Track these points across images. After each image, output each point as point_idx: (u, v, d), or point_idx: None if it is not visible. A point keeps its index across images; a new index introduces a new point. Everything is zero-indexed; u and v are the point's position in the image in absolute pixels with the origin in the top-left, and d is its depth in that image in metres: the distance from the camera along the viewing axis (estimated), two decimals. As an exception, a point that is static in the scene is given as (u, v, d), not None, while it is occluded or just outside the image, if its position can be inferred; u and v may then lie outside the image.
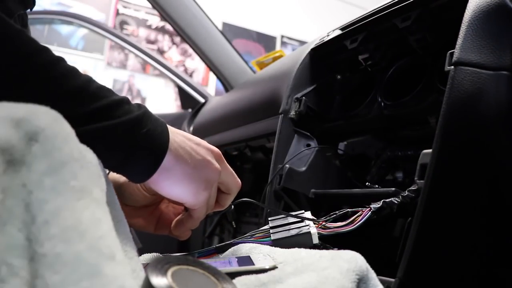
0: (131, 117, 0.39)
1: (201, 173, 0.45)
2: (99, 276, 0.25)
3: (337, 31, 0.83)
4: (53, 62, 0.36)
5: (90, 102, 0.37)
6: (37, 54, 0.36)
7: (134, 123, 0.39)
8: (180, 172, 0.43)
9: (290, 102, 0.83)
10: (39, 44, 0.36)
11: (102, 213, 0.29)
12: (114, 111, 0.38)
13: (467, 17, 0.50)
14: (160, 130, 0.41)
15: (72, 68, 0.38)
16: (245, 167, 1.34)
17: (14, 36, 0.35)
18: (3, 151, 0.26)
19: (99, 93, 0.38)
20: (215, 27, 1.59)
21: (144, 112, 0.41)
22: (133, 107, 0.41)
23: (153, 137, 0.40)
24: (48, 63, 0.36)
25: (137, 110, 0.40)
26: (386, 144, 0.77)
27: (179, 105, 1.92)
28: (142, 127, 0.40)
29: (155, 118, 0.42)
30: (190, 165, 0.43)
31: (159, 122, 0.42)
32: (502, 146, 0.46)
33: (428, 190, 0.48)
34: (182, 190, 0.44)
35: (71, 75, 0.37)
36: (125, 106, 0.40)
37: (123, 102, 0.40)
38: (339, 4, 4.54)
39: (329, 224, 0.51)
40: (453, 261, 0.48)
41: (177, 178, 0.43)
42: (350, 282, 0.36)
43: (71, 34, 3.57)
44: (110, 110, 0.38)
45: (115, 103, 0.39)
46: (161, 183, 0.43)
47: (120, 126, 0.38)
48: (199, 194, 0.45)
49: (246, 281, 0.38)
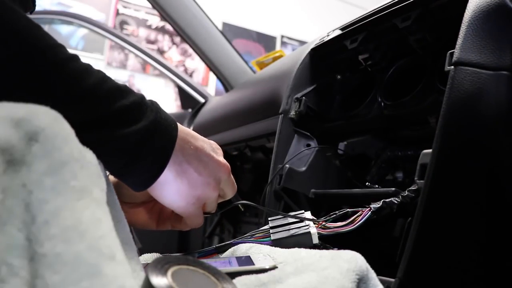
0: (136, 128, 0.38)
1: (196, 192, 0.44)
2: (99, 276, 0.25)
3: (337, 31, 0.83)
4: (66, 59, 0.35)
5: (97, 108, 0.36)
6: (51, 50, 0.34)
7: (138, 135, 0.38)
8: (175, 188, 0.42)
9: (290, 102, 0.83)
10: (55, 41, 0.35)
11: (102, 213, 0.29)
12: (118, 120, 0.37)
13: (467, 17, 0.50)
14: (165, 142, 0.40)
15: (85, 67, 0.37)
16: (245, 167, 1.34)
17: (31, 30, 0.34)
18: (3, 151, 0.26)
19: (108, 97, 0.37)
20: (215, 27, 1.59)
21: (151, 121, 0.39)
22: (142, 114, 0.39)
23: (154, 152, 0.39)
24: (61, 61, 0.35)
25: (145, 120, 0.39)
26: (386, 144, 0.77)
27: (179, 105, 1.92)
28: (150, 138, 0.38)
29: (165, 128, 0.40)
30: (187, 185, 0.43)
31: (169, 129, 0.41)
32: (502, 146, 0.46)
33: (428, 190, 0.48)
34: (172, 201, 0.44)
35: (83, 75, 0.36)
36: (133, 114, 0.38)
37: (131, 109, 0.38)
38: (339, 4, 4.54)
39: (329, 224, 0.51)
40: (453, 261, 0.48)
41: (170, 192, 0.43)
42: (350, 282, 0.36)
43: (71, 34, 3.57)
44: (114, 120, 0.37)
45: (122, 111, 0.37)
46: (153, 192, 0.43)
47: (123, 138, 0.37)
48: (189, 207, 0.45)
49: (246, 281, 0.38)
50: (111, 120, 0.37)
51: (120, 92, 0.38)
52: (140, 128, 0.38)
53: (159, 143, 0.40)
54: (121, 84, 0.39)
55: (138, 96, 0.39)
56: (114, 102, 0.37)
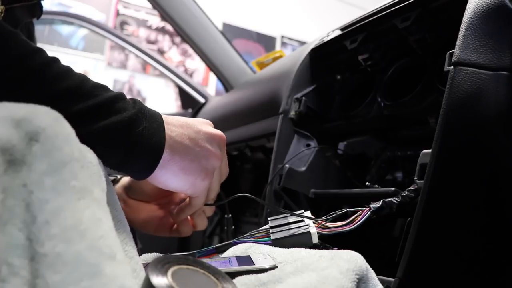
0: (125, 115, 0.39)
1: (200, 163, 0.45)
2: (99, 275, 0.25)
3: (337, 31, 0.83)
4: (47, 63, 0.36)
5: (85, 101, 0.37)
6: (31, 56, 0.36)
7: (129, 121, 0.39)
8: (176, 167, 0.43)
9: (290, 102, 0.83)
10: (33, 46, 0.36)
11: (103, 213, 0.29)
12: (109, 108, 0.38)
13: (467, 17, 0.50)
14: (156, 126, 0.41)
15: (66, 68, 0.38)
16: (245, 167, 1.34)
17: (7, 38, 0.35)
18: (4, 151, 0.26)
19: (93, 91, 0.38)
20: (215, 28, 1.59)
21: (139, 109, 0.41)
22: (127, 104, 0.40)
23: (149, 135, 0.40)
24: (42, 65, 0.36)
25: (132, 108, 0.40)
26: (386, 144, 0.77)
27: (179, 105, 1.93)
28: (137, 125, 0.40)
29: (151, 113, 0.42)
30: (187, 158, 0.44)
31: (155, 117, 0.42)
32: (501, 146, 0.46)
33: (427, 190, 0.48)
34: (179, 182, 0.44)
35: (66, 75, 0.37)
36: (119, 104, 0.39)
37: (117, 100, 0.40)
38: (339, 4, 4.54)
39: (328, 224, 0.51)
40: (453, 261, 0.48)
41: (174, 172, 0.43)
42: (349, 281, 0.36)
43: (71, 34, 3.57)
44: (105, 108, 0.38)
45: (109, 101, 0.39)
46: (159, 179, 0.43)
47: (115, 125, 0.38)
48: (198, 184, 0.46)
49: (246, 281, 0.38)
50: (99, 111, 0.38)
51: (103, 87, 0.40)
52: (131, 115, 0.39)
53: (152, 126, 0.41)
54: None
55: (119, 92, 0.41)
56: (101, 94, 0.39)
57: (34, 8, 0.49)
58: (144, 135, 0.40)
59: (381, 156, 0.75)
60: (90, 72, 3.54)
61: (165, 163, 0.42)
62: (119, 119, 0.38)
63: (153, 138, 0.41)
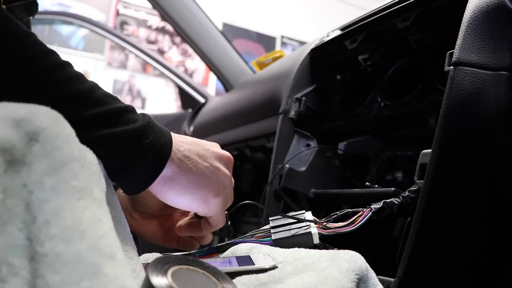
0: (134, 126, 0.38)
1: (210, 179, 0.44)
2: (99, 276, 0.25)
3: (337, 31, 0.83)
4: (60, 65, 0.36)
5: (94, 108, 0.37)
6: (45, 56, 0.35)
7: (136, 133, 0.38)
8: (185, 180, 0.42)
9: (290, 102, 0.83)
10: (47, 47, 0.36)
11: (103, 213, 0.29)
12: (117, 118, 0.38)
13: (467, 17, 0.50)
14: (163, 142, 0.41)
15: (78, 74, 0.38)
16: (245, 167, 1.34)
17: (23, 38, 0.35)
18: (4, 151, 0.26)
19: (103, 99, 0.38)
20: (215, 27, 1.59)
21: (147, 122, 0.40)
22: (137, 116, 0.40)
23: (153, 149, 0.39)
24: (55, 66, 0.36)
25: (141, 120, 0.39)
26: (386, 144, 0.77)
27: (179, 105, 1.93)
28: (144, 138, 0.39)
29: (160, 129, 0.41)
30: (196, 172, 0.43)
31: (164, 133, 0.41)
32: (501, 146, 0.46)
33: (427, 190, 0.48)
34: (189, 198, 0.43)
35: (77, 80, 0.37)
36: (129, 115, 0.39)
37: (127, 111, 0.39)
38: (339, 4, 4.54)
39: (329, 225, 0.51)
40: (453, 261, 0.48)
41: (183, 186, 0.42)
42: (350, 282, 0.36)
43: (71, 34, 3.57)
44: (114, 118, 0.38)
45: (120, 111, 0.38)
46: (167, 193, 0.42)
47: (122, 135, 0.37)
48: (212, 201, 0.45)
49: (246, 281, 0.38)
50: (108, 119, 0.37)
51: (113, 97, 0.39)
52: (138, 126, 0.39)
53: (160, 141, 0.40)
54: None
55: (129, 104, 0.41)
56: (111, 104, 0.38)
57: (31, 6, 0.49)
58: (148, 149, 0.39)
59: (381, 156, 0.75)
60: (90, 72, 3.54)
61: (172, 176, 0.41)
62: (125, 129, 0.38)
63: (157, 153, 0.40)
